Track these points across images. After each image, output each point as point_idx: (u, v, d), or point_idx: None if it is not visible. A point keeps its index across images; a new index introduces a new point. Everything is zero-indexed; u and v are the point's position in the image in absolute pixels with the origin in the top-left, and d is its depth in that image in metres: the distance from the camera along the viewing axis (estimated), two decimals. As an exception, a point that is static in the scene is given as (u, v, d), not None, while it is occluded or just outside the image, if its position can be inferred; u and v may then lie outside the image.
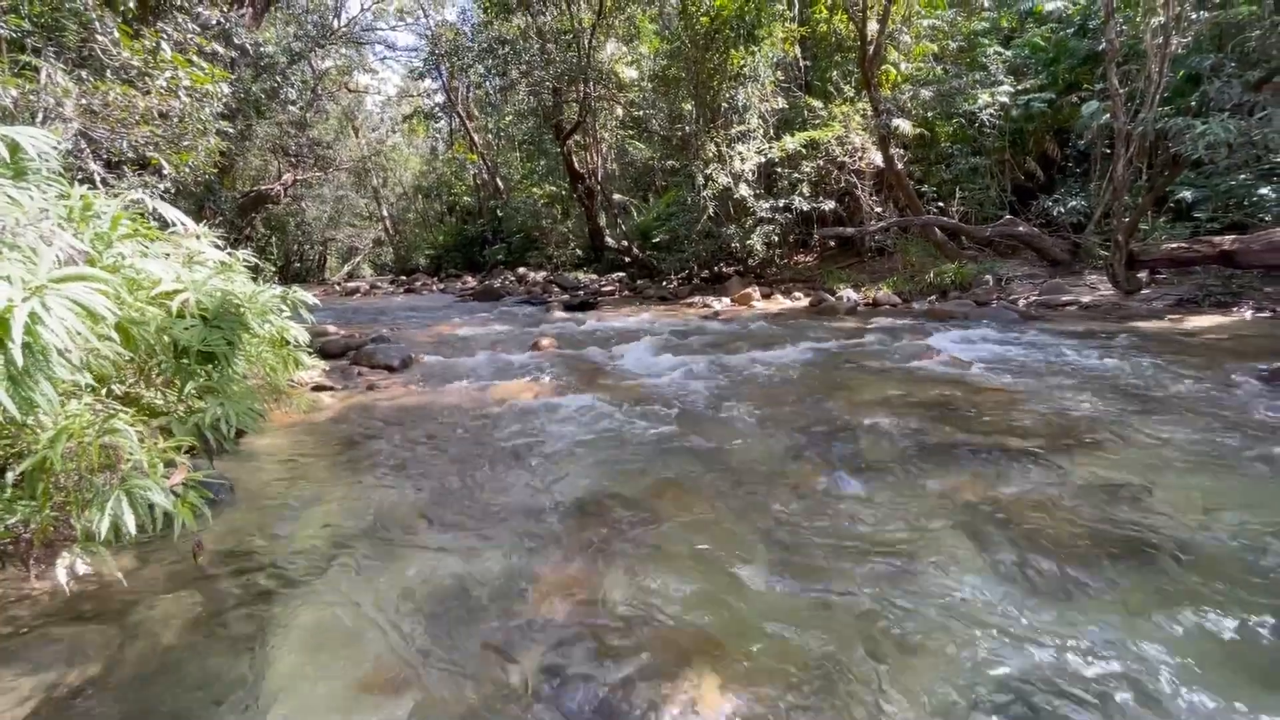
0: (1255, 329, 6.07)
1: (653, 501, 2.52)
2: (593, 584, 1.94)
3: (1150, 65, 7.75)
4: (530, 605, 1.84)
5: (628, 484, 2.69)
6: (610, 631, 1.70)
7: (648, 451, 3.11)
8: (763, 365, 5.07)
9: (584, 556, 2.11)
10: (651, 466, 2.91)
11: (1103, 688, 1.43)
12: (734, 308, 10.13)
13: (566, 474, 2.83)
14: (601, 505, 2.49)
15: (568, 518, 2.40)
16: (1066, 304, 8.13)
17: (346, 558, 2.13)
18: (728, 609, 1.79)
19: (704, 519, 2.36)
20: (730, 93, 11.22)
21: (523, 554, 2.13)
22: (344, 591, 1.93)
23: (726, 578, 1.96)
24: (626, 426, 3.49)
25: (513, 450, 3.16)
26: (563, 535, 2.26)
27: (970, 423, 3.38)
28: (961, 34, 12.11)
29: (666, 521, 2.34)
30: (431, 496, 2.64)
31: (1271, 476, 2.53)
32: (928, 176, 12.21)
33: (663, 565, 2.04)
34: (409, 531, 2.32)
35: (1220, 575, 1.85)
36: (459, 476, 2.85)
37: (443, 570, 2.04)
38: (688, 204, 12.56)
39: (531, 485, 2.73)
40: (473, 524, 2.38)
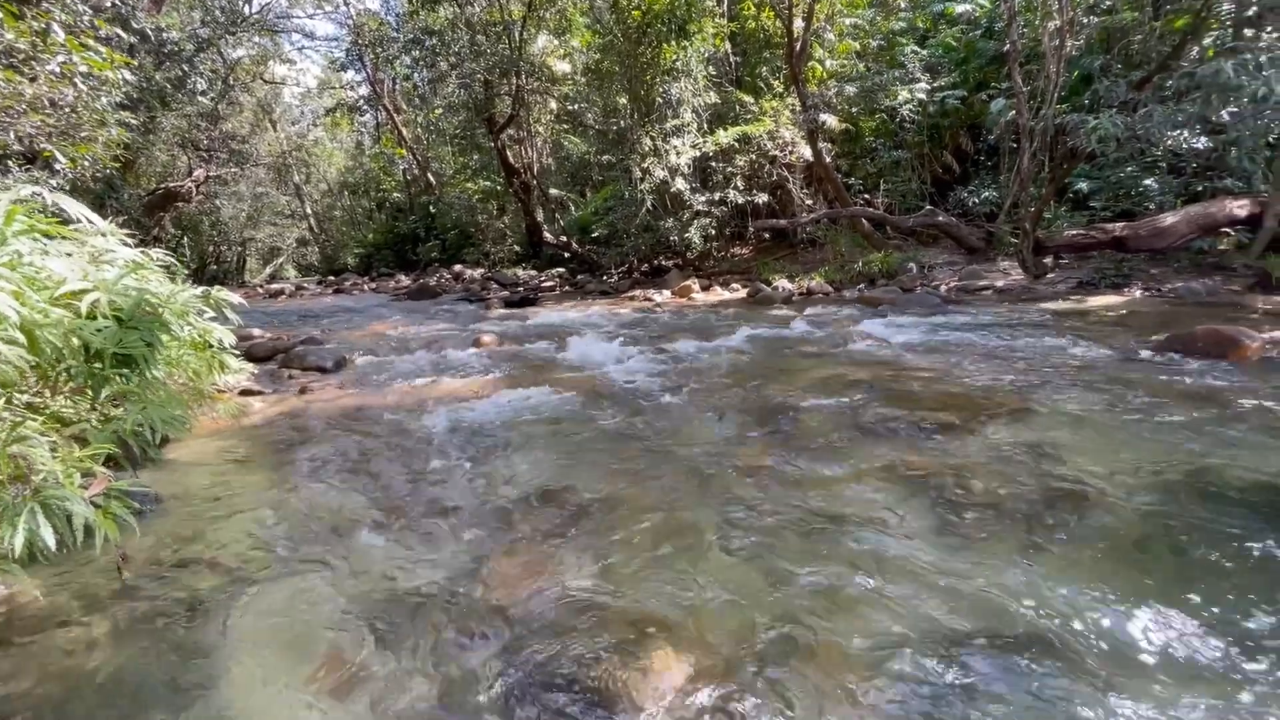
0: (1144, 306, 6.68)
1: (604, 489, 2.55)
2: (546, 572, 1.96)
3: (1048, 65, 8.35)
4: (482, 597, 1.84)
5: (579, 473, 2.72)
6: (565, 616, 1.73)
7: (597, 441, 3.14)
8: (705, 354, 5.18)
9: (536, 546, 2.13)
10: (602, 455, 2.94)
11: (1025, 620, 1.57)
12: (675, 300, 10.26)
13: (516, 467, 2.83)
14: (553, 495, 2.51)
15: (519, 510, 2.40)
16: (983, 288, 8.67)
17: (286, 563, 2.06)
18: (681, 585, 1.85)
19: (655, 502, 2.42)
20: (664, 87, 11.32)
21: (472, 548, 2.13)
22: (285, 596, 1.87)
23: (679, 556, 2.01)
24: (575, 418, 3.51)
25: (459, 447, 3.12)
26: (514, 527, 2.27)
27: (900, 399, 3.58)
28: (881, 33, 12.66)
29: (618, 507, 2.38)
30: (375, 497, 2.58)
31: (1160, 433, 2.82)
32: (854, 170, 12.71)
33: (615, 549, 2.08)
34: (352, 533, 2.27)
35: (1120, 519, 2.06)
36: (403, 476, 2.79)
37: (389, 569, 2.00)
38: (625, 198, 12.60)
39: (480, 480, 2.71)
40: (419, 522, 2.34)
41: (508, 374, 4.72)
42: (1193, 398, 3.30)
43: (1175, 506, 2.14)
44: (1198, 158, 8.49)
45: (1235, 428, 2.83)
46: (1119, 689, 1.36)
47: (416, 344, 6.33)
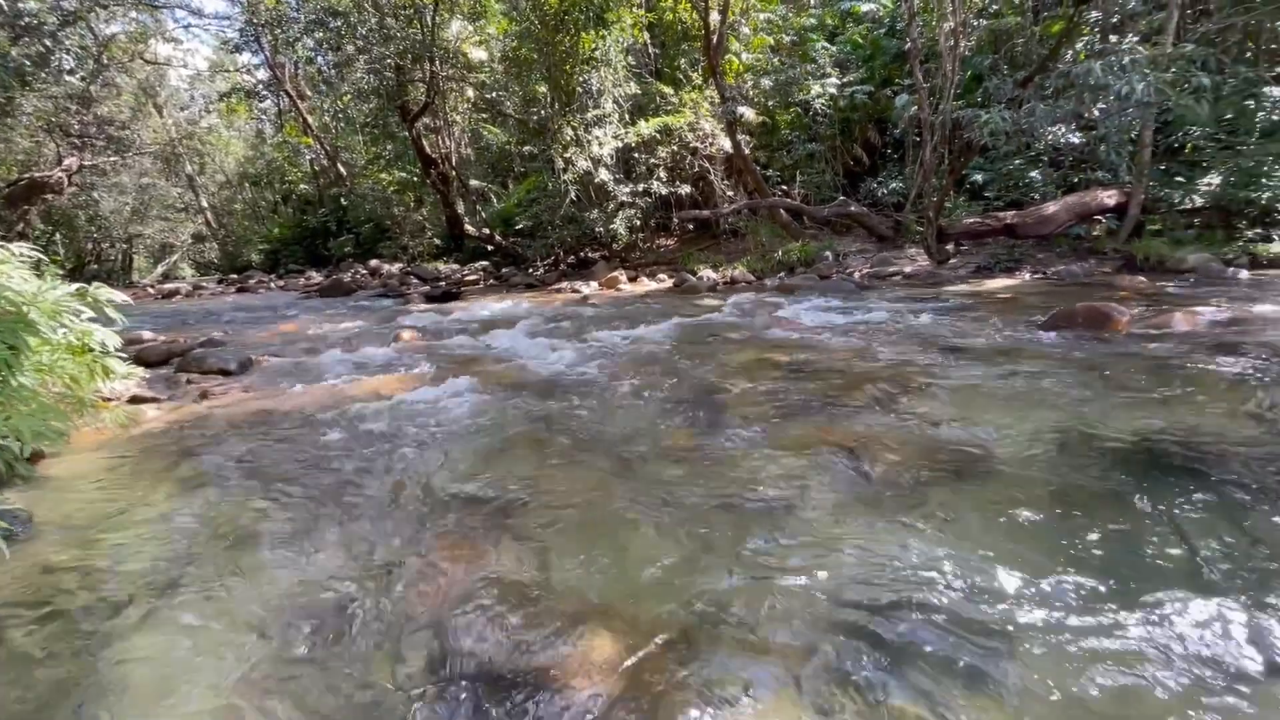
0: (1032, 288, 7.28)
1: (532, 480, 2.52)
2: (474, 567, 1.92)
3: (945, 64, 8.90)
4: (407, 598, 1.78)
5: (506, 466, 2.67)
6: (496, 609, 1.70)
7: (525, 432, 3.10)
8: (634, 343, 5.21)
9: (462, 542, 2.07)
10: (529, 446, 2.90)
11: (933, 582, 1.68)
12: (602, 291, 10.24)
13: (440, 463, 2.74)
14: (480, 490, 2.45)
15: (444, 507, 2.33)
16: (893, 274, 9.18)
17: (177, 587, 1.89)
18: (613, 570, 1.86)
19: (585, 490, 2.41)
20: (584, 76, 11.22)
21: (394, 550, 2.05)
22: (188, 617, 1.73)
23: (610, 541, 2.02)
24: (504, 410, 3.44)
25: (379, 446, 2.99)
26: (439, 525, 2.20)
27: (819, 379, 3.73)
28: (793, 29, 13.07)
29: (548, 497, 2.36)
30: (285, 505, 2.43)
31: (1049, 400, 3.08)
32: (772, 161, 13.10)
33: (546, 539, 2.06)
34: (258, 547, 2.13)
35: (1016, 480, 2.24)
36: (318, 480, 2.65)
37: (301, 583, 1.89)
38: (549, 189, 12.43)
39: (403, 479, 2.61)
40: (335, 528, 2.23)
41: (430, 370, 4.56)
42: (1075, 367, 3.63)
43: (1065, 465, 2.34)
44: (1074, 151, 9.32)
45: (1112, 392, 3.14)
46: (1018, 640, 1.47)
47: (331, 342, 6.01)
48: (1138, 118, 7.71)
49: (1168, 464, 2.29)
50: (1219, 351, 3.76)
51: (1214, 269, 7.34)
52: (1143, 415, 2.78)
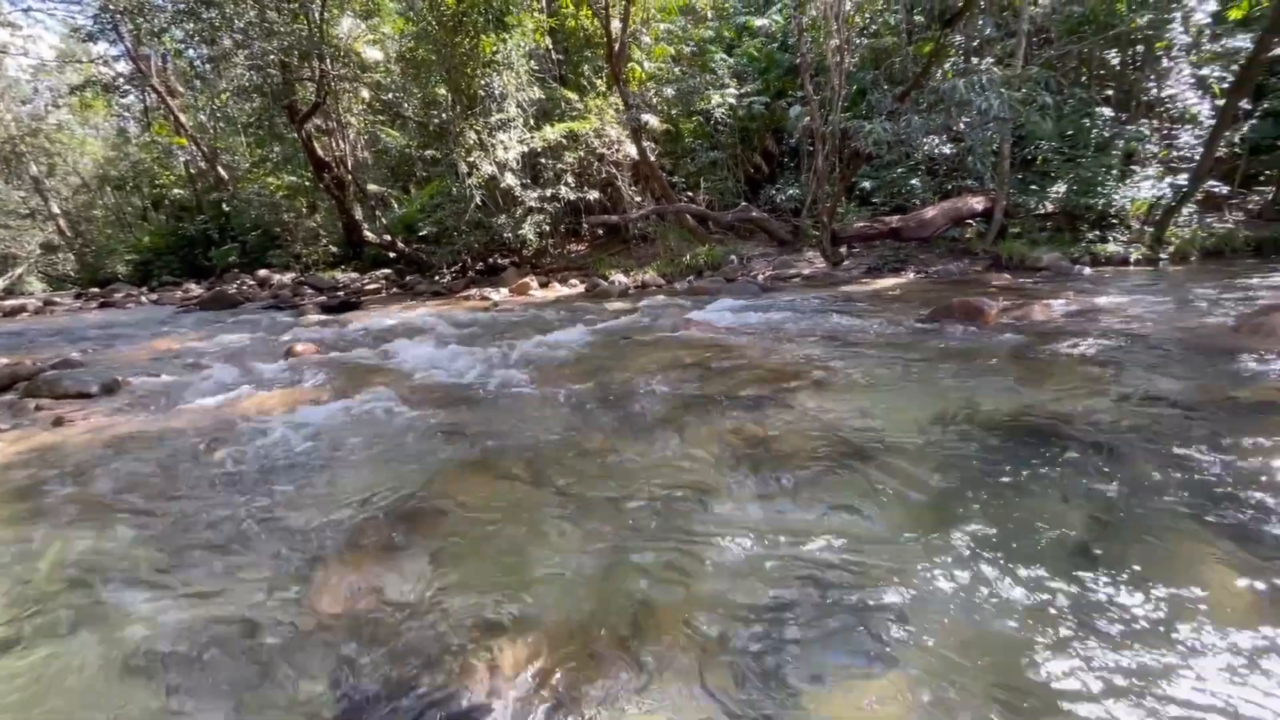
0: (916, 286, 7.90)
1: (441, 492, 2.44)
2: (380, 586, 1.84)
3: (833, 78, 9.50)
4: (304, 625, 1.68)
5: (413, 480, 2.57)
6: (406, 626, 1.64)
7: (434, 445, 3.00)
8: (546, 349, 5.16)
9: (366, 561, 1.98)
10: (438, 458, 2.81)
11: (840, 563, 1.79)
12: (513, 298, 10.08)
13: (339, 482, 2.60)
14: (387, 508, 2.34)
15: (347, 528, 2.21)
16: (793, 276, 9.66)
17: (28, 637, 1.69)
18: (527, 577, 1.84)
19: (499, 500, 2.36)
20: (486, 80, 11.02)
21: (288, 576, 1.92)
22: (26, 680, 1.54)
23: (525, 548, 2.00)
24: (408, 424, 3.30)
25: (270, 467, 2.80)
26: (339, 545, 2.09)
27: (728, 376, 3.87)
28: (693, 40, 13.47)
29: (458, 508, 2.29)
30: (167, 535, 2.22)
31: (932, 387, 3.36)
32: (677, 168, 13.43)
33: (456, 551, 2.01)
34: (122, 587, 1.93)
35: (908, 461, 2.42)
36: (202, 508, 2.44)
37: (191, 611, 1.75)
38: (453, 194, 12.09)
39: (301, 500, 2.45)
40: (227, 555, 2.06)
41: (327, 384, 4.31)
42: (954, 356, 3.98)
43: (948, 442, 2.56)
44: (946, 161, 10.22)
45: (984, 377, 3.47)
46: (917, 611, 1.60)
47: (215, 359, 5.53)
48: (996, 131, 8.58)
49: (1033, 435, 2.57)
50: (1068, 337, 4.26)
51: (1064, 266, 8.29)
52: (1010, 395, 3.10)
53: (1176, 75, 9.84)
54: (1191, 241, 8.56)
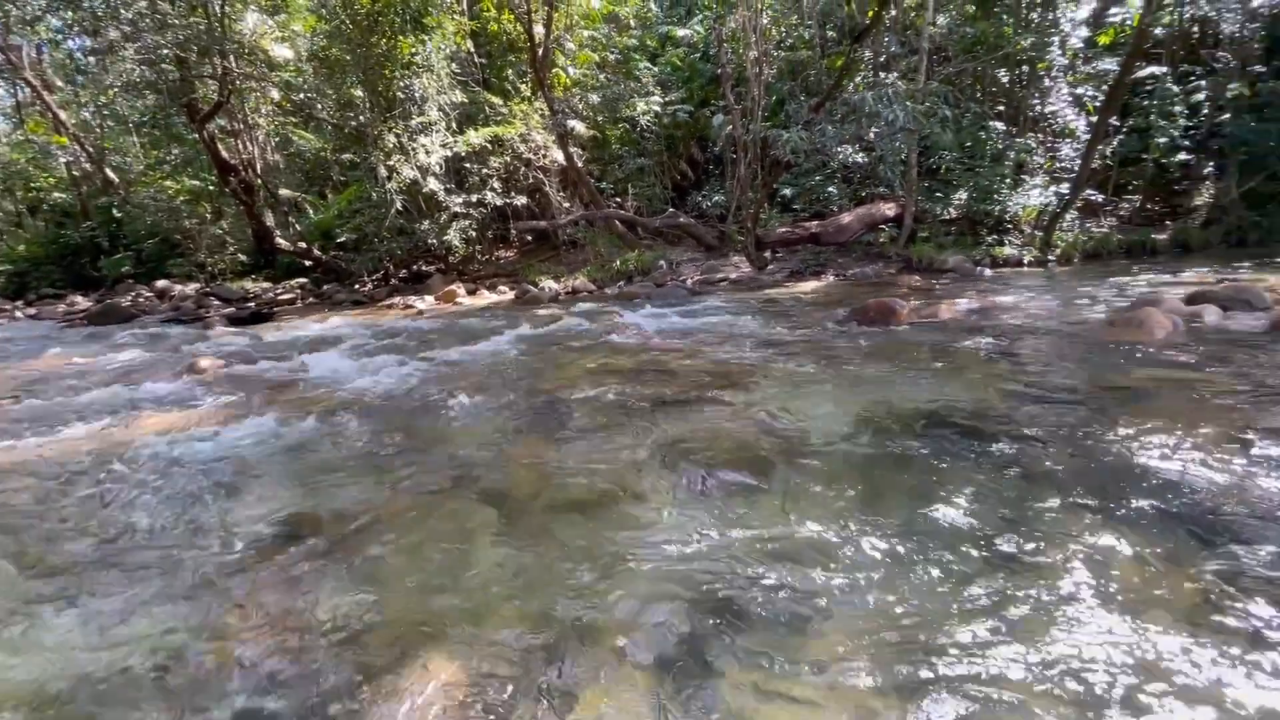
0: (835, 288, 8.28)
1: (363, 508, 2.34)
2: (297, 607, 1.75)
3: (753, 88, 9.83)
4: (217, 655, 1.57)
5: (332, 498, 2.45)
6: (325, 647, 1.57)
7: (353, 460, 2.87)
8: (473, 357, 5.06)
9: (282, 583, 1.88)
10: (359, 474, 2.70)
11: (768, 555, 1.85)
12: (439, 305, 9.81)
13: (252, 505, 2.45)
14: (301, 526, 2.23)
15: (255, 553, 2.08)
16: (720, 280, 9.89)
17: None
18: (454, 589, 1.79)
19: (422, 511, 2.30)
20: (405, 82, 10.69)
21: (198, 606, 1.80)
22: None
23: (451, 560, 1.95)
24: (326, 440, 3.15)
25: (171, 492, 2.60)
26: (251, 569, 1.97)
27: (658, 380, 3.92)
28: (617, 48, 13.59)
29: (380, 524, 2.21)
30: (47, 572, 2.02)
31: (851, 383, 3.53)
32: (605, 174, 13.49)
33: (379, 567, 1.94)
34: (17, 621, 1.75)
35: (833, 454, 2.53)
36: (85, 540, 2.23)
37: (82, 655, 1.60)
38: (373, 199, 11.64)
39: (205, 526, 2.29)
40: (121, 589, 1.90)
41: (236, 401, 4.05)
42: (870, 354, 4.20)
43: (867, 438, 2.69)
44: (860, 169, 10.77)
45: (899, 373, 3.67)
46: (839, 598, 1.67)
47: (104, 378, 5.08)
48: (904, 141, 9.13)
49: (941, 426, 2.74)
50: (972, 334, 4.58)
51: (967, 268, 8.91)
52: (920, 389, 3.30)
53: (1057, 93, 10.80)
54: (1074, 245, 9.41)
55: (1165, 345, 3.84)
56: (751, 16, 9.82)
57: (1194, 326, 4.26)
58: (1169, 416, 2.62)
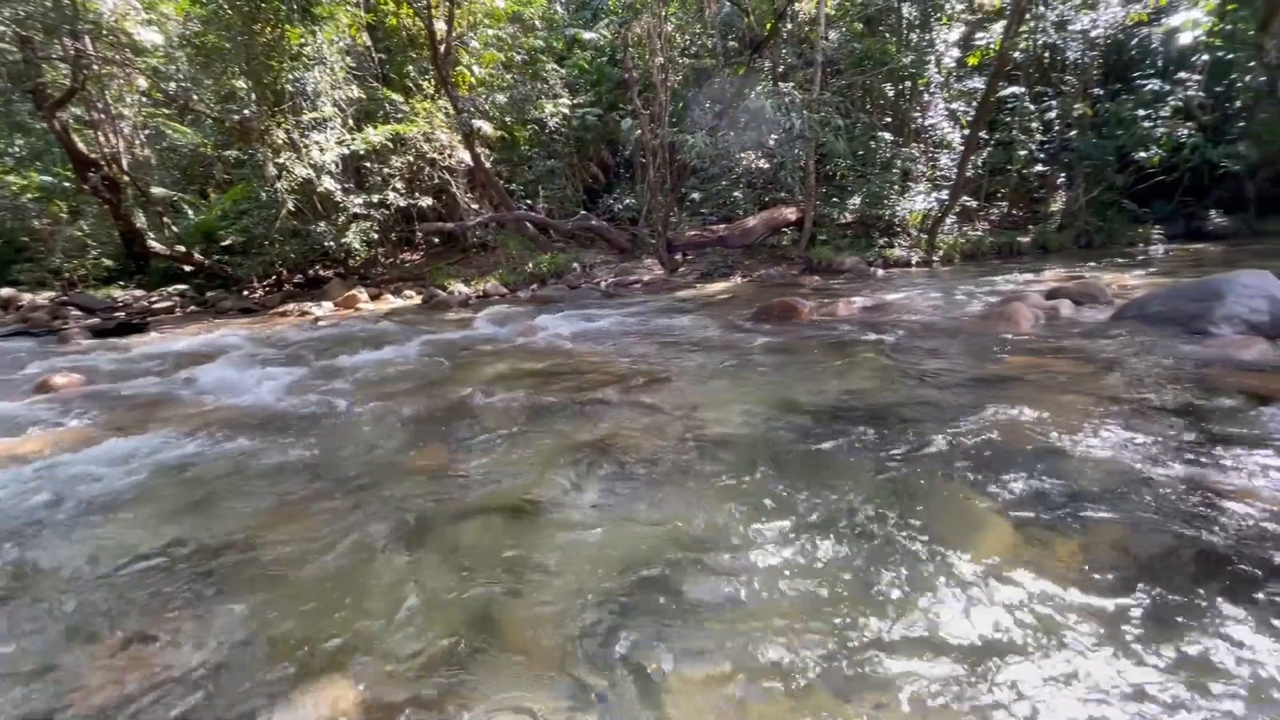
0: (743, 289, 8.58)
1: (254, 534, 2.17)
2: (172, 648, 1.59)
3: (659, 94, 10.02)
4: (80, 710, 1.41)
5: (218, 523, 2.26)
6: (203, 685, 1.44)
7: (240, 480, 2.66)
8: (376, 365, 4.82)
9: (154, 622, 1.70)
10: (246, 495, 2.50)
11: (686, 545, 1.89)
12: (339, 312, 9.26)
13: (116, 537, 2.21)
14: (176, 557, 2.04)
15: (125, 584, 1.89)
16: (634, 282, 10.00)
17: None
18: (355, 609, 1.70)
19: (322, 534, 2.16)
20: (295, 75, 10.03)
21: (57, 651, 1.60)
22: None
23: (353, 585, 1.84)
24: (209, 459, 2.90)
25: (18, 527, 2.30)
26: (118, 613, 1.77)
27: (571, 382, 3.90)
28: (524, 48, 13.42)
29: (276, 550, 2.05)
30: None
31: (756, 379, 3.67)
32: (515, 175, 13.28)
33: (270, 592, 1.80)
34: None
35: (740, 446, 2.62)
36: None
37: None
38: (262, 199, 10.83)
39: (59, 564, 2.05)
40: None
41: (101, 421, 3.64)
42: (775, 351, 4.39)
43: (772, 431, 2.81)
44: (763, 175, 11.23)
45: (801, 368, 3.86)
46: (748, 584, 1.73)
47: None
48: (801, 148, 9.62)
49: (840, 416, 2.91)
50: (866, 330, 4.89)
51: (862, 269, 9.51)
52: (820, 383, 3.49)
53: (935, 108, 11.76)
54: (954, 246, 10.28)
55: (1030, 335, 4.28)
56: (656, 23, 10.01)
57: (1052, 318, 4.78)
58: (1034, 397, 2.92)
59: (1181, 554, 1.68)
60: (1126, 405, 2.74)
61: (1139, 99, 10.41)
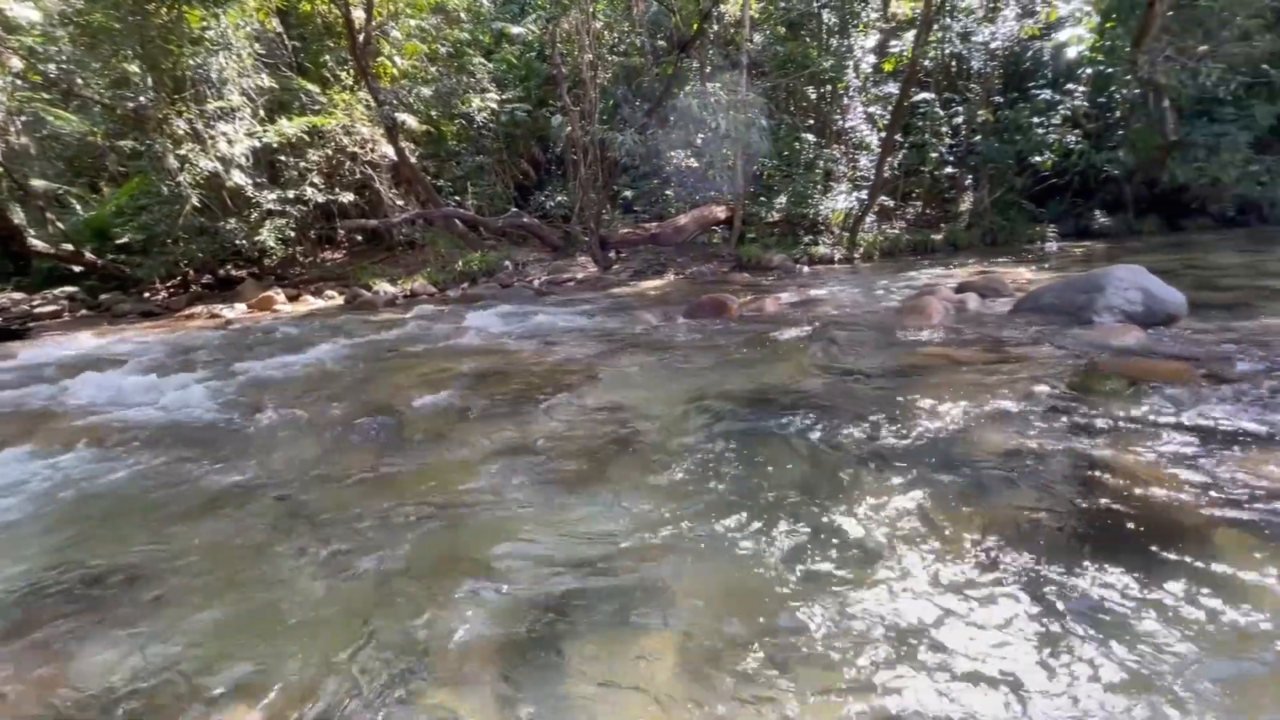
0: (676, 287, 8.70)
1: (158, 553, 2.03)
2: (57, 680, 1.47)
3: (589, 91, 9.98)
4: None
5: (114, 544, 2.09)
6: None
7: (137, 497, 2.48)
8: (295, 369, 4.59)
9: (40, 660, 1.56)
10: (145, 513, 2.34)
11: (614, 539, 1.90)
12: (253, 314, 8.75)
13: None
14: (52, 587, 1.87)
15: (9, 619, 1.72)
16: (567, 280, 9.94)
17: None
18: (265, 631, 1.61)
19: (235, 550, 2.04)
20: (198, 60, 9.36)
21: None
22: None
23: (262, 602, 1.74)
24: (100, 476, 2.68)
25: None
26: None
27: (502, 382, 3.85)
28: (449, 40, 13.04)
29: (183, 570, 1.92)
30: None
31: (687, 373, 3.74)
32: (442, 172, 12.90)
33: (171, 620, 1.68)
34: None
35: (670, 438, 2.65)
36: None
37: None
38: (164, 194, 10.06)
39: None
40: None
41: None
42: (706, 347, 4.47)
43: (703, 425, 2.86)
44: (693, 174, 11.40)
45: (730, 362, 3.96)
46: (683, 574, 1.76)
47: None
48: (729, 148, 9.84)
49: (767, 409, 3.00)
50: (792, 324, 5.06)
51: (789, 266, 9.84)
52: (749, 377, 3.59)
53: (854, 111, 12.29)
54: (874, 244, 10.79)
55: (941, 326, 4.56)
56: (584, 20, 9.97)
57: (960, 310, 5.10)
58: (942, 384, 3.12)
59: (1065, 518, 1.84)
60: (1022, 389, 2.97)
61: (1034, 107, 11.26)
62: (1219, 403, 2.60)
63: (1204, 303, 4.62)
